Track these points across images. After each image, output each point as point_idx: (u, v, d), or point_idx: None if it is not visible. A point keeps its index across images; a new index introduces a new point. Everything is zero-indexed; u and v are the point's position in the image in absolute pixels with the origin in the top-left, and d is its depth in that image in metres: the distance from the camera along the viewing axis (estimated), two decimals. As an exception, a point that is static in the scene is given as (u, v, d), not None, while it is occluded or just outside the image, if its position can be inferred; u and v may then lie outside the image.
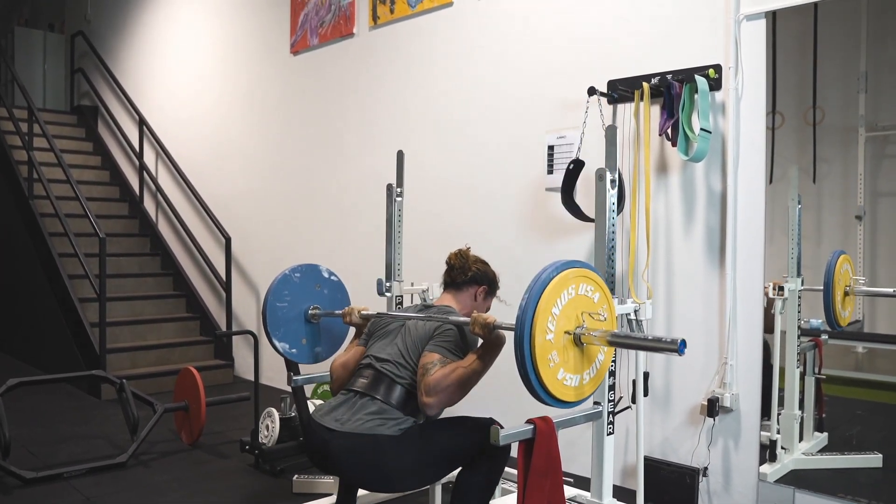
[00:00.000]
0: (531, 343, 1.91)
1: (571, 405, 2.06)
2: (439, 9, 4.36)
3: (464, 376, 2.32)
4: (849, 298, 3.17)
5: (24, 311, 6.66)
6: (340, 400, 2.47)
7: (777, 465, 3.11)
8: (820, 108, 3.28)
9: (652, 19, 3.39)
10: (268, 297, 2.97)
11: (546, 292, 1.94)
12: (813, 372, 3.30)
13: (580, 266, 2.06)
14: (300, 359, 3.07)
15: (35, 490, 3.40)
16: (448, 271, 2.74)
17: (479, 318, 2.30)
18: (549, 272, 1.98)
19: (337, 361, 2.69)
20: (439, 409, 2.36)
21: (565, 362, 2.00)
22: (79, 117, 8.50)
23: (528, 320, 1.92)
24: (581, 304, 2.04)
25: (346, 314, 2.86)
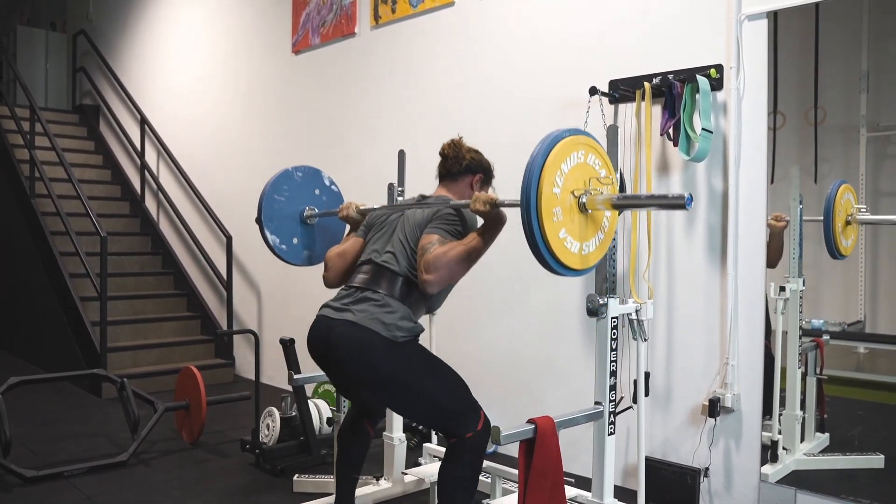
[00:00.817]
0: (538, 195, 1.94)
1: (574, 272, 2.07)
2: (441, 8, 4.36)
3: (463, 253, 2.32)
4: (850, 227, 3.14)
5: (26, 309, 6.66)
6: (342, 294, 2.49)
7: (778, 465, 3.11)
8: (821, 108, 3.28)
9: (653, 19, 3.38)
10: (266, 189, 2.95)
11: (558, 147, 1.99)
12: (814, 372, 3.30)
13: (588, 135, 2.11)
14: (289, 257, 3.05)
15: (36, 489, 3.40)
16: (442, 162, 2.71)
17: (482, 195, 2.32)
18: (564, 131, 2.03)
19: (334, 251, 2.69)
20: (439, 287, 2.36)
21: (569, 224, 2.02)
22: (80, 116, 8.50)
23: (536, 170, 1.95)
24: (588, 171, 2.08)
25: (344, 208, 2.83)
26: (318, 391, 4.35)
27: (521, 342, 3.93)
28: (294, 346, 3.72)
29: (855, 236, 3.16)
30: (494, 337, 4.07)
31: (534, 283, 3.86)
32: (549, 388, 3.79)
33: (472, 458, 2.39)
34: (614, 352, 2.32)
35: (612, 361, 2.31)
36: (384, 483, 3.25)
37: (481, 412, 2.43)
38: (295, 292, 5.51)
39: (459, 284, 4.04)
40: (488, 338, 4.10)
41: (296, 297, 5.50)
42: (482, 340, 4.11)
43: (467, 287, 4.13)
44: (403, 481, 3.27)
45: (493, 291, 4.07)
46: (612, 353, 2.31)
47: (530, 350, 3.88)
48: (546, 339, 3.79)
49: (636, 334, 2.80)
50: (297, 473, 3.49)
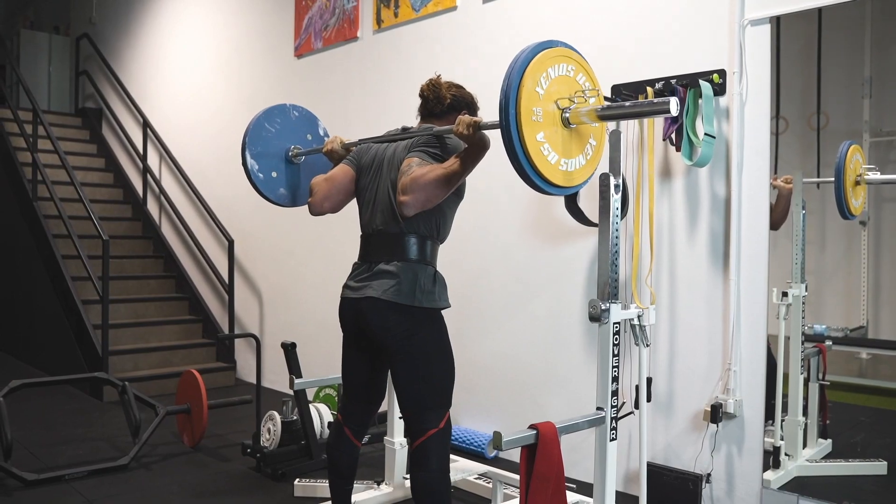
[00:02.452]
0: (517, 116, 1.90)
1: (561, 190, 2.04)
2: (443, 13, 4.37)
3: (442, 176, 2.29)
4: (859, 188, 3.13)
5: (27, 312, 6.67)
6: (359, 271, 2.53)
7: (781, 471, 3.10)
8: (824, 114, 3.27)
9: (656, 24, 3.38)
10: (259, 115, 2.93)
11: (547, 51, 1.95)
12: (817, 378, 3.29)
13: (564, 46, 2.06)
14: (263, 188, 3.01)
15: (36, 492, 3.40)
16: (423, 104, 2.65)
17: (465, 118, 2.28)
18: (536, 45, 1.98)
19: (319, 177, 2.68)
20: (417, 209, 2.34)
21: (554, 142, 1.98)
22: (83, 119, 8.52)
23: (513, 90, 1.90)
24: (574, 85, 2.05)
25: (329, 142, 2.79)
26: (320, 395, 4.34)
27: (522, 347, 3.92)
28: (295, 350, 3.72)
29: (864, 196, 3.15)
30: (496, 342, 4.07)
31: (536, 289, 3.86)
32: (551, 394, 3.78)
33: (439, 461, 2.42)
34: (616, 357, 2.31)
35: (613, 367, 2.30)
36: (385, 488, 3.24)
37: (448, 412, 2.49)
38: (297, 296, 5.51)
39: (461, 289, 4.04)
40: (490, 343, 4.09)
41: (297, 302, 5.50)
42: (484, 345, 4.11)
43: (469, 292, 4.14)
44: (404, 486, 3.26)
45: (495, 297, 4.06)
46: (613, 358, 2.30)
47: (532, 355, 3.87)
48: (548, 344, 3.79)
49: (638, 340, 2.80)
50: (297, 478, 3.48)
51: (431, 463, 2.40)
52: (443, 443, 2.44)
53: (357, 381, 2.68)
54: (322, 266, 5.24)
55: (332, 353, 3.13)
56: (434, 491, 2.40)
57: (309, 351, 4.91)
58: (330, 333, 3.03)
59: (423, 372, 2.45)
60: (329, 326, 2.90)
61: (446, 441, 2.46)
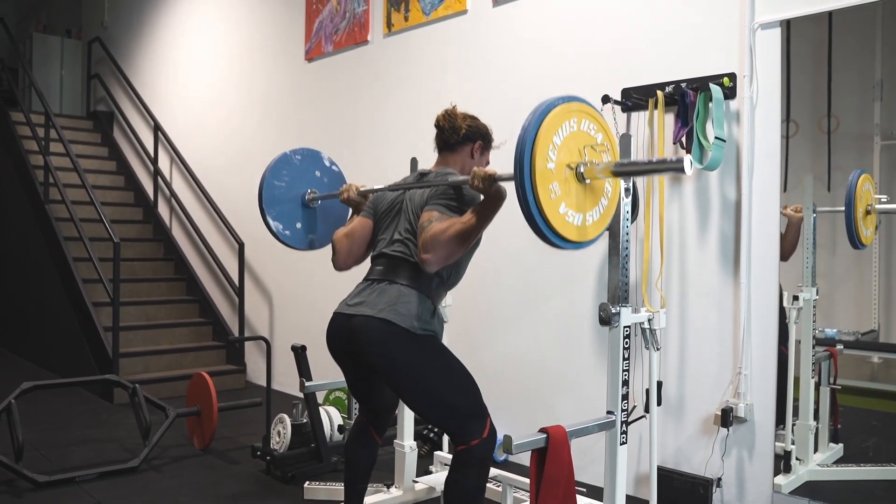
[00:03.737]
0: (531, 170, 1.88)
1: (573, 245, 2.02)
2: (453, 16, 4.37)
3: (462, 231, 2.28)
4: (870, 217, 3.13)
5: (38, 314, 6.70)
6: (359, 289, 2.50)
7: (792, 476, 3.09)
8: (835, 117, 3.26)
9: (666, 27, 3.38)
10: (265, 175, 2.92)
11: (548, 119, 1.92)
12: (828, 382, 3.28)
13: (583, 102, 2.04)
14: (293, 242, 3.02)
15: (47, 494, 3.42)
16: (439, 134, 2.67)
17: (480, 171, 2.27)
18: (552, 101, 1.96)
19: (340, 232, 2.68)
20: (438, 265, 2.33)
21: (567, 196, 1.96)
22: (94, 122, 8.57)
23: (528, 144, 1.89)
24: (583, 138, 2.02)
25: (344, 191, 2.81)
26: (330, 398, 4.35)
27: (533, 351, 3.92)
28: (305, 353, 3.72)
29: (874, 226, 3.14)
30: (506, 346, 4.07)
31: (546, 292, 3.85)
32: (561, 397, 3.78)
33: (478, 469, 2.38)
34: (626, 361, 2.31)
35: (624, 370, 2.30)
36: (395, 491, 3.24)
37: (488, 419, 2.42)
38: (307, 299, 5.52)
39: (471, 292, 4.04)
40: (500, 346, 4.09)
41: (308, 304, 5.51)
42: (494, 349, 4.11)
43: (479, 296, 4.14)
44: (414, 489, 3.26)
45: (506, 300, 4.06)
46: (624, 362, 2.30)
47: (542, 359, 3.87)
48: (558, 347, 3.78)
49: (649, 343, 2.80)
50: (307, 480, 3.49)
51: (470, 469, 2.37)
52: (486, 451, 2.39)
53: (364, 395, 2.69)
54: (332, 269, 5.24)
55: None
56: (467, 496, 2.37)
57: (319, 354, 4.89)
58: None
59: (427, 389, 2.40)
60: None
61: (489, 450, 2.41)
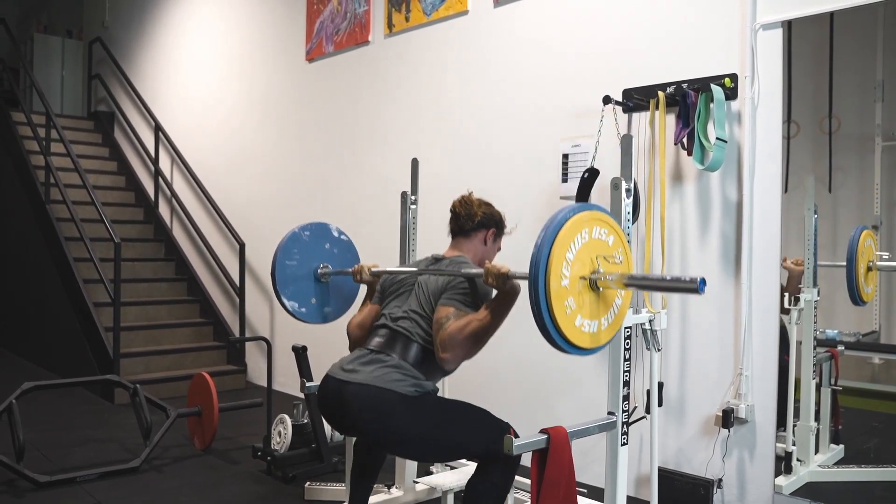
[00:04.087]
0: (546, 290, 1.89)
1: (587, 352, 2.03)
2: (454, 17, 4.37)
3: (479, 329, 2.30)
4: (871, 274, 3.13)
5: (39, 314, 6.71)
6: (355, 356, 2.47)
7: (793, 477, 3.08)
8: (836, 117, 3.26)
9: (668, 28, 3.38)
10: (277, 255, 2.95)
11: (559, 237, 1.92)
12: (829, 383, 3.27)
13: (593, 209, 2.04)
14: (310, 318, 3.05)
15: (48, 494, 3.42)
16: (454, 220, 2.70)
17: (493, 269, 2.28)
18: (563, 215, 1.95)
19: (353, 322, 2.69)
20: (456, 364, 2.35)
21: (581, 308, 1.96)
22: (95, 123, 8.57)
23: (542, 266, 1.89)
24: (595, 247, 2.02)
25: (356, 272, 2.84)
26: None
27: (533, 351, 3.91)
28: (306, 353, 3.72)
29: (875, 284, 3.15)
30: (508, 345, 4.06)
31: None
32: (562, 398, 3.78)
33: (502, 476, 2.39)
34: (627, 362, 2.31)
35: (625, 371, 2.30)
36: (395, 491, 3.24)
37: (511, 430, 2.40)
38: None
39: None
40: (501, 346, 4.07)
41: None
42: (495, 349, 4.08)
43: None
44: (415, 490, 3.26)
45: (506, 300, 4.05)
46: (625, 363, 2.30)
47: (543, 359, 3.86)
48: (558, 347, 3.78)
49: (650, 344, 2.79)
50: (308, 481, 3.49)
51: (493, 476, 2.38)
52: (511, 463, 2.40)
53: None
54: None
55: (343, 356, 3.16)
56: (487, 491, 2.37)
57: (320, 354, 4.91)
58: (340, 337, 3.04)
59: (444, 444, 2.39)
60: (340, 330, 2.90)
61: (515, 462, 2.42)
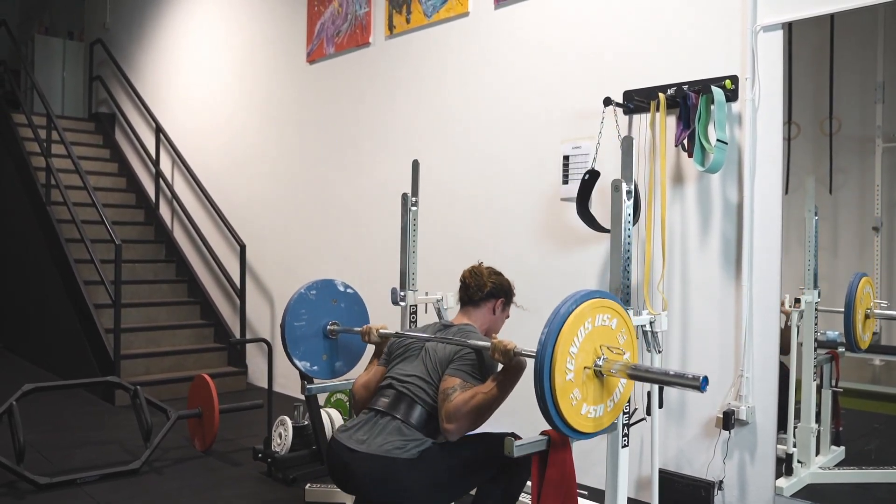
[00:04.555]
0: (552, 386, 1.91)
1: (589, 436, 2.06)
2: (455, 18, 4.37)
3: (483, 403, 2.32)
4: (869, 321, 3.15)
5: (40, 315, 6.71)
6: (362, 420, 2.49)
7: (793, 478, 3.08)
8: (836, 119, 3.27)
9: (668, 30, 3.38)
10: (285, 317, 3.03)
11: (562, 332, 1.94)
12: (829, 385, 3.27)
13: (597, 296, 2.04)
14: (321, 375, 3.14)
15: (48, 495, 3.42)
16: (464, 289, 2.75)
17: (500, 346, 2.31)
18: (566, 308, 1.97)
19: (358, 382, 2.72)
20: (460, 435, 2.36)
21: (586, 398, 2.00)
22: (96, 124, 8.57)
23: (546, 364, 1.92)
24: (599, 336, 2.04)
25: (365, 333, 2.90)
26: (331, 400, 4.35)
27: (533, 352, 3.91)
28: (307, 354, 3.72)
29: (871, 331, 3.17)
30: (507, 347, 4.06)
31: (547, 294, 3.84)
32: (562, 399, 3.77)
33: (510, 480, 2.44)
34: (628, 363, 2.31)
35: (626, 373, 2.30)
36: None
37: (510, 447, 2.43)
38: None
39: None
40: (501, 348, 4.08)
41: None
42: (495, 350, 4.10)
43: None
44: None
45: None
46: (626, 364, 2.30)
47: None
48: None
49: (650, 346, 2.79)
50: (308, 483, 3.48)
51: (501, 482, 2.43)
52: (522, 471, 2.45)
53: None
54: (333, 270, 5.24)
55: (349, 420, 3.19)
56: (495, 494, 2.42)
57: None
58: (341, 338, 3.10)
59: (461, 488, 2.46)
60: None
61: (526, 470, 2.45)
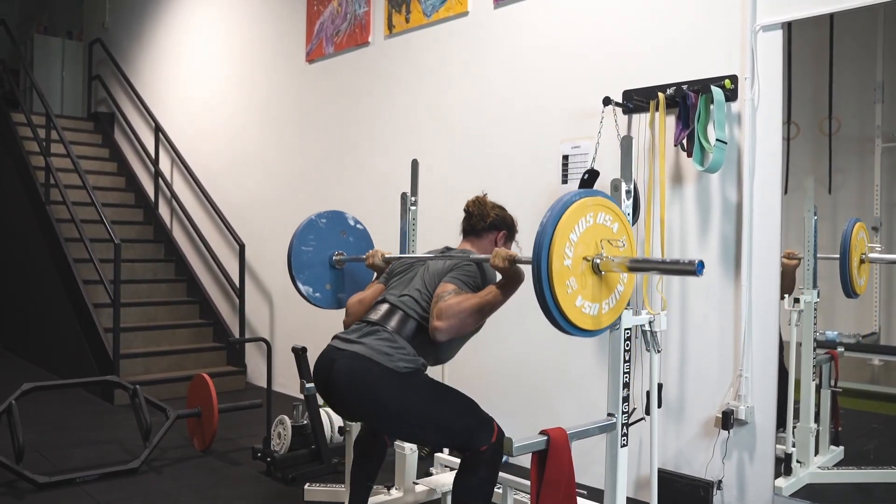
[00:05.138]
0: (549, 268, 1.93)
1: (589, 333, 2.07)
2: (455, 18, 4.37)
3: (477, 305, 2.36)
4: (864, 266, 3.16)
5: (39, 315, 6.71)
6: (353, 329, 2.52)
7: (792, 478, 3.08)
8: (836, 119, 3.27)
9: (668, 30, 3.38)
10: (293, 241, 3.04)
11: (564, 217, 1.96)
12: (829, 384, 3.27)
13: (598, 195, 2.08)
14: (323, 303, 3.12)
15: (48, 495, 3.42)
16: (467, 219, 2.75)
17: (501, 251, 2.36)
18: (569, 198, 2.00)
19: (354, 298, 2.74)
20: (448, 336, 2.37)
21: (583, 289, 2.01)
22: (95, 124, 8.57)
23: (545, 244, 1.94)
24: (600, 232, 2.06)
25: (370, 256, 2.90)
26: (330, 399, 4.35)
27: (534, 352, 3.92)
28: (306, 354, 3.72)
29: (867, 276, 3.17)
30: (508, 346, 4.06)
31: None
32: (562, 399, 3.77)
33: (486, 470, 2.42)
34: (627, 363, 2.31)
35: (625, 373, 2.30)
36: (395, 493, 3.24)
37: (494, 424, 2.46)
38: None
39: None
40: (501, 348, 4.08)
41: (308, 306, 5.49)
42: (494, 350, 4.10)
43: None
44: (415, 491, 3.26)
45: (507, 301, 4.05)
46: (625, 364, 2.30)
47: (543, 360, 3.86)
48: (559, 348, 3.78)
49: (649, 346, 2.78)
50: (308, 482, 3.49)
51: (479, 471, 2.41)
52: (494, 454, 2.43)
53: None
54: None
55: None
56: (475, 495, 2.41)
57: (319, 355, 4.92)
58: (340, 338, 3.11)
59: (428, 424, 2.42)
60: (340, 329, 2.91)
61: (498, 454, 2.44)
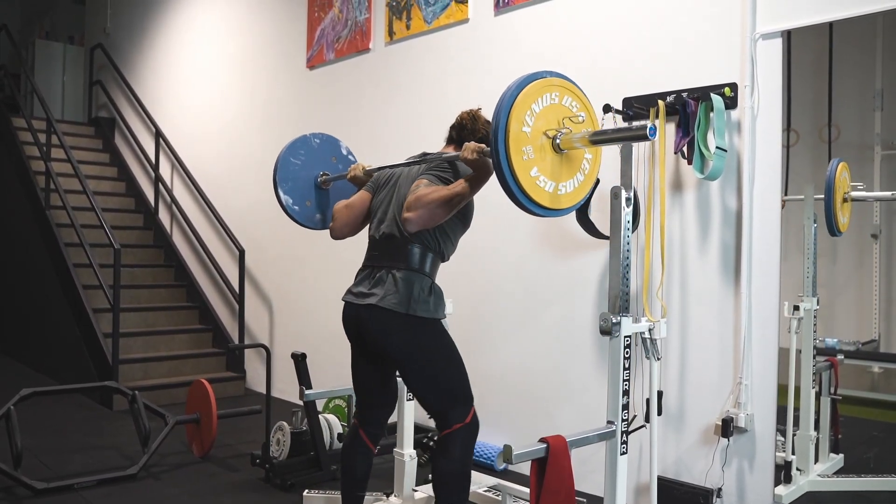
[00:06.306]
0: (506, 128, 1.99)
1: (546, 211, 2.13)
2: (455, 25, 4.38)
3: (446, 196, 2.42)
4: (846, 205, 3.19)
5: (38, 320, 6.70)
6: (361, 278, 2.66)
7: (792, 486, 3.08)
8: (835, 126, 3.27)
9: (667, 37, 3.39)
10: (283, 151, 3.04)
11: (530, 86, 2.04)
12: (828, 392, 3.27)
13: (568, 80, 2.18)
14: (301, 218, 3.12)
15: (45, 501, 3.41)
16: (458, 128, 2.78)
17: (471, 144, 2.41)
18: (537, 73, 2.09)
19: (340, 203, 2.83)
20: (419, 226, 2.46)
21: (541, 162, 2.07)
22: (96, 129, 8.58)
23: (505, 108, 2.00)
24: (562, 112, 2.14)
25: (352, 170, 2.94)
26: (329, 406, 4.35)
27: (534, 359, 3.92)
28: (305, 360, 3.72)
29: (849, 214, 3.20)
30: (508, 354, 4.06)
31: (547, 301, 3.85)
32: (561, 406, 3.77)
33: (462, 451, 2.53)
34: (627, 371, 2.30)
35: (624, 380, 2.30)
36: (394, 499, 3.24)
37: (472, 407, 2.59)
38: (307, 307, 5.51)
39: (473, 300, 4.04)
40: (501, 355, 4.08)
41: (308, 312, 5.51)
42: (495, 357, 4.10)
43: (481, 304, 4.14)
44: (413, 498, 3.25)
45: (506, 308, 4.06)
46: (624, 371, 2.30)
47: (542, 368, 3.86)
48: (559, 356, 3.78)
49: (649, 353, 2.79)
50: (307, 489, 3.48)
51: (454, 452, 2.52)
52: (468, 436, 2.55)
53: (367, 385, 2.76)
54: (333, 276, 5.25)
55: (342, 364, 3.17)
56: (453, 479, 2.51)
57: (319, 361, 4.91)
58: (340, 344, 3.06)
59: (429, 374, 2.56)
60: (339, 336, 2.91)
61: (472, 435, 2.57)
